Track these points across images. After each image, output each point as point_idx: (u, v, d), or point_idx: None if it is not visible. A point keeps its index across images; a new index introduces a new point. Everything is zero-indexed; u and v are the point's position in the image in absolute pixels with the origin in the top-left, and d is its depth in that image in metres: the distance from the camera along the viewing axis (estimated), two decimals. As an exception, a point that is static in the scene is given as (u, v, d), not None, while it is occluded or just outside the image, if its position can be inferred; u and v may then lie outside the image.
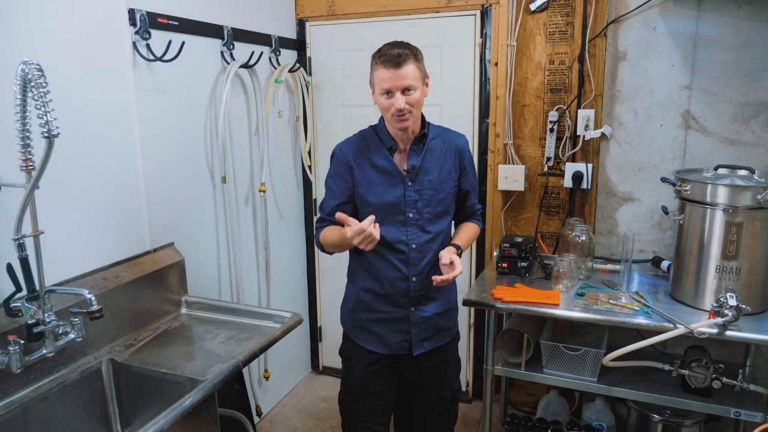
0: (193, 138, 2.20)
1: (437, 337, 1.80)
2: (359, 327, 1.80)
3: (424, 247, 1.71)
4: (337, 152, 1.75)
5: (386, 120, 1.68)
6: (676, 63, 2.25)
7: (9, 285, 1.37)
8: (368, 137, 1.74)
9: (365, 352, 1.78)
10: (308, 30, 2.87)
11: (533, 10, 2.44)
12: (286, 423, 2.79)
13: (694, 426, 2.13)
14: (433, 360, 1.80)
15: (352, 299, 1.82)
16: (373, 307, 1.76)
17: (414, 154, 1.71)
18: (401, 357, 1.78)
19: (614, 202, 2.45)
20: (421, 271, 1.72)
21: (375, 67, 1.60)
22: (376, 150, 1.71)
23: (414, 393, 1.86)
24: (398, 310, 1.74)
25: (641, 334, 2.01)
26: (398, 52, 1.55)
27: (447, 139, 1.76)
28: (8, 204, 1.42)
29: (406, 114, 1.58)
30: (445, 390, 1.87)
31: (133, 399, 1.68)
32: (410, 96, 1.57)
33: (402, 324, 1.75)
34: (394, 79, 1.55)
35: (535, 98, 2.53)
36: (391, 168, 1.69)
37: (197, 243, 2.23)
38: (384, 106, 1.61)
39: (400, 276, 1.71)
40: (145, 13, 1.86)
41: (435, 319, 1.77)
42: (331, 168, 1.77)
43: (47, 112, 1.21)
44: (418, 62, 1.60)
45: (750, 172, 1.92)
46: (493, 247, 2.68)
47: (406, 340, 1.75)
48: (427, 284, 1.71)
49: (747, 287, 1.88)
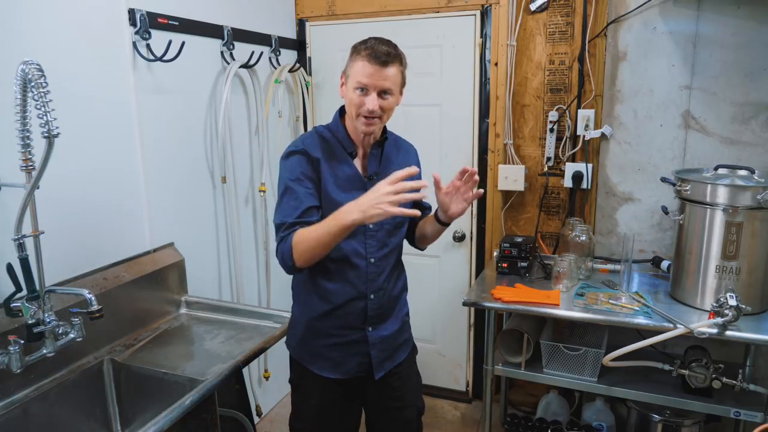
0: (193, 138, 2.20)
1: (396, 355, 1.67)
2: (311, 353, 1.62)
3: (381, 261, 1.58)
4: (297, 150, 1.51)
5: (350, 117, 1.51)
6: (676, 63, 2.25)
7: (9, 285, 1.37)
8: (326, 137, 1.56)
9: (320, 379, 1.61)
10: (308, 30, 2.87)
11: (533, 10, 2.44)
12: (286, 423, 2.78)
13: (694, 426, 2.13)
14: (394, 379, 1.67)
15: (302, 325, 1.62)
16: (326, 332, 1.58)
17: (374, 159, 1.58)
18: (359, 379, 1.63)
19: (614, 202, 2.45)
20: (379, 288, 1.58)
21: (356, 57, 1.45)
22: (336, 152, 1.54)
23: (381, 417, 1.74)
24: (354, 332, 1.58)
25: (641, 334, 2.01)
26: (387, 50, 1.42)
27: (400, 147, 1.67)
28: (8, 204, 1.42)
29: (375, 118, 1.46)
30: (410, 411, 1.75)
31: (133, 399, 1.68)
32: (385, 100, 1.45)
33: (359, 346, 1.59)
34: (375, 76, 1.42)
35: (535, 98, 2.53)
36: (352, 173, 1.54)
37: (197, 243, 2.23)
38: (354, 102, 1.45)
39: (357, 294, 1.55)
40: (145, 13, 1.86)
41: (392, 337, 1.64)
42: (292, 170, 1.49)
43: (47, 112, 1.21)
44: (402, 68, 1.49)
45: (750, 172, 1.92)
46: (493, 247, 2.68)
47: (364, 362, 1.60)
48: (384, 302, 1.60)
49: (747, 287, 1.88)
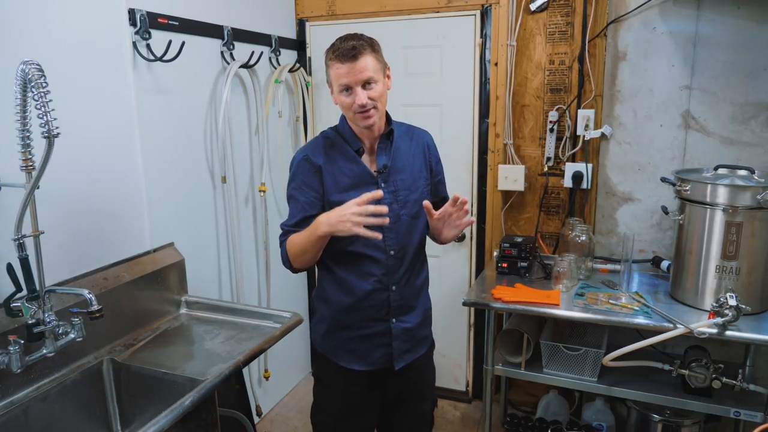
0: (193, 138, 2.20)
1: (416, 349, 1.70)
2: (337, 347, 1.67)
3: (401, 253, 1.60)
4: (300, 158, 1.58)
5: (349, 119, 1.56)
6: (675, 63, 2.25)
7: (9, 285, 1.37)
8: (332, 139, 1.60)
9: (344, 371, 1.66)
10: (308, 30, 2.87)
11: (533, 10, 2.44)
12: (286, 423, 2.79)
13: (693, 426, 2.13)
14: (413, 373, 1.71)
15: (327, 319, 1.67)
16: (351, 325, 1.63)
17: (382, 153, 1.59)
18: (382, 372, 1.67)
19: (614, 202, 2.45)
20: (400, 280, 1.61)
21: (330, 63, 1.48)
22: (342, 152, 1.57)
23: (397, 410, 1.77)
24: (378, 323, 1.63)
25: (641, 334, 2.01)
26: (353, 44, 1.44)
27: (414, 137, 1.67)
28: (8, 204, 1.42)
29: (370, 109, 1.47)
30: (426, 403, 1.81)
31: (133, 399, 1.67)
32: (371, 90, 1.46)
33: (383, 338, 1.64)
34: (351, 73, 1.44)
35: (535, 98, 2.53)
36: (361, 170, 1.57)
37: (197, 243, 2.23)
38: (345, 105, 1.49)
39: (379, 286, 1.59)
40: (145, 13, 1.86)
41: (415, 329, 1.68)
42: (293, 179, 1.59)
43: (47, 112, 1.21)
44: (376, 53, 1.48)
45: (750, 172, 1.92)
46: (493, 247, 2.68)
47: (387, 353, 1.65)
48: (406, 293, 1.64)
49: (747, 287, 1.88)
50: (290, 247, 1.55)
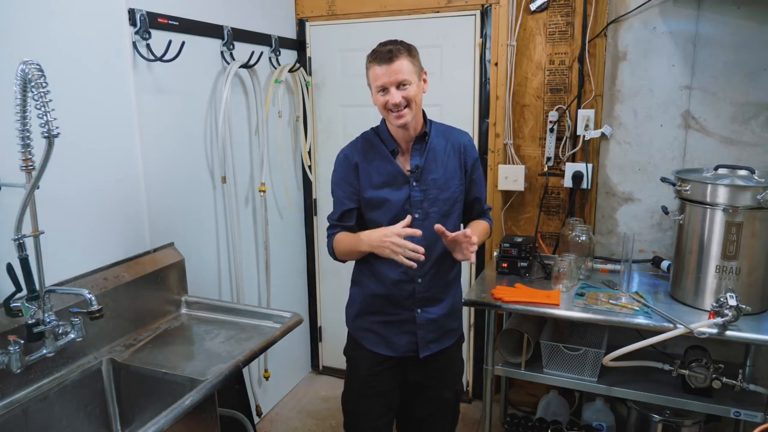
0: (193, 138, 2.20)
1: (443, 339, 1.78)
2: (364, 329, 1.79)
3: (428, 248, 1.66)
4: (341, 156, 1.74)
5: (386, 119, 1.67)
6: (676, 63, 2.25)
7: (9, 285, 1.37)
8: (371, 139, 1.74)
9: (370, 353, 1.77)
10: (308, 30, 2.87)
11: (533, 10, 2.44)
12: (286, 423, 2.79)
13: (694, 426, 2.13)
14: (438, 362, 1.79)
15: (357, 302, 1.80)
16: (379, 309, 1.75)
17: (416, 153, 1.69)
18: (407, 359, 1.76)
19: (614, 202, 2.45)
20: (426, 273, 1.70)
21: (369, 66, 1.61)
22: (378, 152, 1.70)
23: (419, 395, 1.85)
24: (404, 312, 1.73)
25: (641, 334, 2.01)
26: (390, 48, 1.56)
27: (450, 138, 1.75)
28: (8, 204, 1.42)
29: (403, 109, 1.58)
30: (449, 392, 1.86)
31: (133, 399, 1.67)
32: (405, 90, 1.57)
33: (408, 326, 1.73)
34: (387, 74, 1.55)
35: (535, 98, 2.53)
36: (394, 169, 1.68)
37: (197, 243, 2.23)
38: (381, 104, 1.60)
39: (406, 278, 1.70)
40: (145, 13, 1.86)
41: (441, 320, 1.75)
42: (335, 174, 1.76)
43: (47, 112, 1.21)
44: (412, 57, 1.60)
45: (750, 172, 1.92)
46: (493, 247, 2.68)
47: (412, 341, 1.74)
48: (432, 286, 1.72)
49: (747, 287, 1.88)
50: (336, 246, 1.74)
